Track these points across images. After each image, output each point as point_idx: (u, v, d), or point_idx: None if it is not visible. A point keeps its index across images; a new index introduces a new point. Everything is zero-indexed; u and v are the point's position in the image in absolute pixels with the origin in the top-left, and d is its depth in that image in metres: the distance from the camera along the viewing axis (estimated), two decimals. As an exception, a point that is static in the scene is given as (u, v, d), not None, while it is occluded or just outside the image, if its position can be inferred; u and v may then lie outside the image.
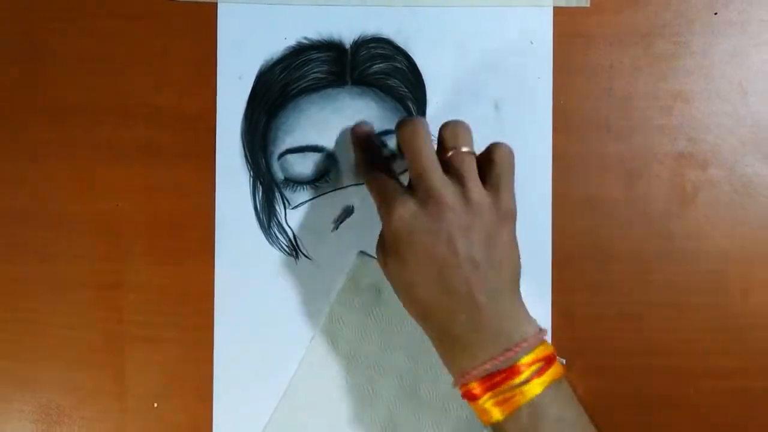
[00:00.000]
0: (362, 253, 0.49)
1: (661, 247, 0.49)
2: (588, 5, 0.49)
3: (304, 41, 0.49)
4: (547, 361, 0.39)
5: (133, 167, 0.50)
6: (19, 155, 0.50)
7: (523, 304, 0.41)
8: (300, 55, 0.49)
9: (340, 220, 0.50)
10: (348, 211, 0.50)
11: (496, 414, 0.38)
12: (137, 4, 0.49)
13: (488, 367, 0.38)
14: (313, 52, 0.49)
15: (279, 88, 0.49)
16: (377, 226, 0.46)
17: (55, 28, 0.49)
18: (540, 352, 0.39)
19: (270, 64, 0.49)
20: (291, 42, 0.49)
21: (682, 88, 0.49)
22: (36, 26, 0.50)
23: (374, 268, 0.48)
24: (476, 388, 0.39)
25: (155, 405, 0.49)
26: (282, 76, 0.49)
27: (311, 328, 0.50)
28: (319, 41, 0.49)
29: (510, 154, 0.42)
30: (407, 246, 0.40)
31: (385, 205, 0.41)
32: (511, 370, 0.38)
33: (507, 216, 0.41)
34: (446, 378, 0.43)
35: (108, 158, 0.50)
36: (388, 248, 0.41)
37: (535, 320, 0.41)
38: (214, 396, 0.49)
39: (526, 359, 0.39)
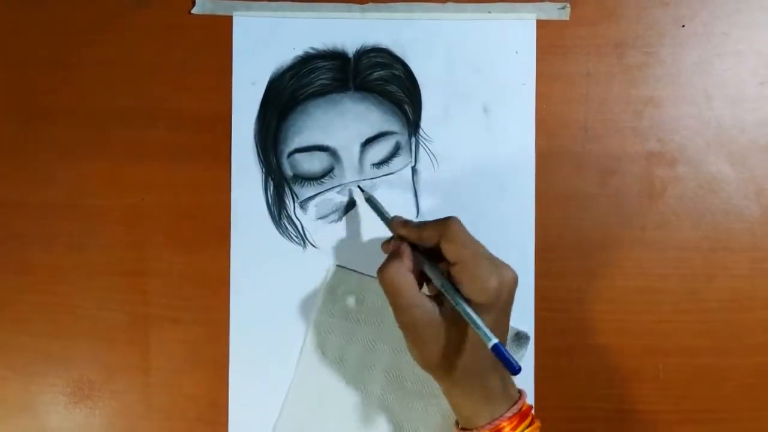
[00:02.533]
0: (339, 266, 0.51)
1: (633, 237, 0.52)
2: (568, 18, 0.51)
3: (311, 51, 0.51)
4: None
5: (156, 165, 0.52)
6: (53, 154, 0.52)
7: None
8: (307, 63, 0.51)
9: (343, 212, 0.52)
10: (351, 204, 0.51)
11: None
12: (160, 18, 0.52)
13: (514, 410, 0.42)
14: (319, 60, 0.51)
15: (288, 93, 0.51)
16: (376, 217, 0.49)
17: (85, 40, 0.52)
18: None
19: (280, 72, 0.51)
20: (299, 52, 0.51)
21: (652, 93, 0.52)
22: (68, 38, 0.52)
23: (349, 278, 0.51)
24: (507, 427, 0.41)
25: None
26: (291, 82, 0.51)
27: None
28: (324, 51, 0.51)
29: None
30: (500, 313, 0.41)
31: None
32: (522, 414, 0.42)
33: None
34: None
35: (133, 157, 0.52)
36: (482, 309, 0.41)
37: None
38: (229, 371, 0.51)
39: (526, 406, 0.43)
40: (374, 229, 0.51)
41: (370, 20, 0.51)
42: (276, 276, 0.52)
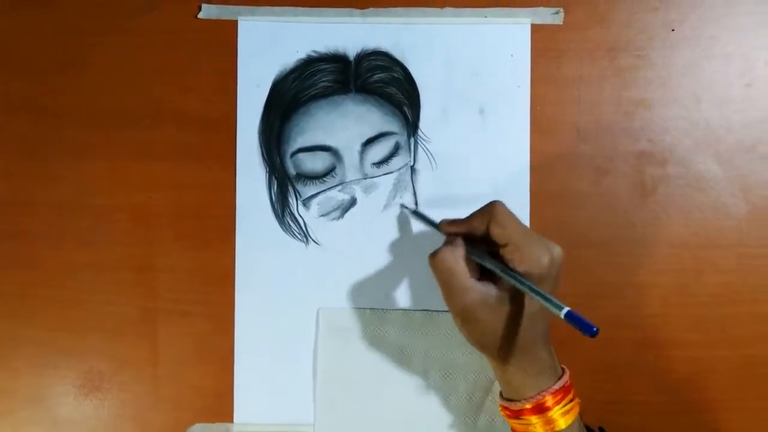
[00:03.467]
0: (322, 309, 0.52)
1: (625, 234, 0.53)
2: (561, 23, 0.52)
3: (314, 54, 0.52)
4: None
5: (163, 164, 0.53)
6: (64, 154, 0.53)
7: None
8: (310, 66, 0.52)
9: (344, 210, 0.52)
10: (352, 202, 0.52)
11: (562, 423, 0.43)
12: (167, 22, 0.52)
13: (556, 387, 0.44)
14: (321, 63, 0.52)
15: (291, 95, 0.52)
16: (376, 215, 0.51)
17: (94, 43, 0.53)
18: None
19: (284, 74, 0.52)
20: (302, 55, 0.52)
21: (643, 95, 0.53)
22: (78, 41, 0.53)
23: (336, 316, 0.52)
24: (550, 400, 0.43)
25: None
26: (294, 84, 0.52)
27: (319, 304, 0.53)
28: (326, 54, 0.52)
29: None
30: (551, 286, 0.43)
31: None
32: (565, 389, 0.44)
33: None
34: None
35: (141, 156, 0.53)
36: (543, 285, 0.42)
37: None
38: (235, 363, 0.52)
39: (569, 383, 0.45)
40: (374, 226, 0.52)
41: (371, 24, 0.52)
42: (279, 271, 0.53)
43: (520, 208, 0.52)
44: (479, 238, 0.44)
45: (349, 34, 0.52)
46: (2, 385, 0.53)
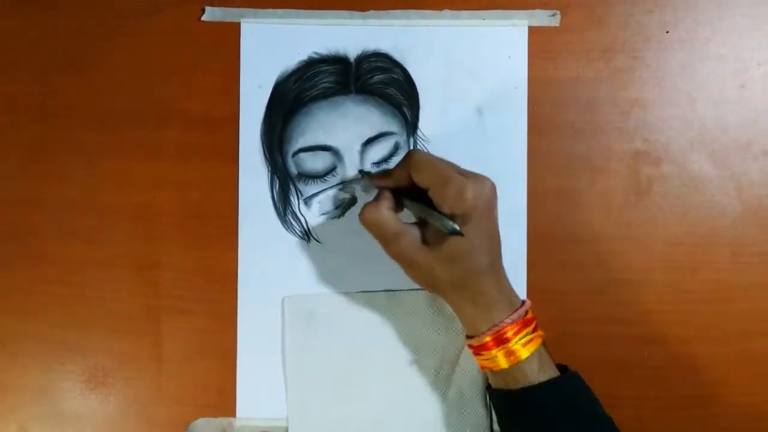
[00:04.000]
0: (287, 298, 0.53)
1: (620, 232, 0.53)
2: (558, 25, 0.53)
3: (315, 56, 0.53)
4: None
5: (168, 164, 0.53)
6: (70, 154, 0.53)
7: None
8: (311, 67, 0.53)
9: (345, 208, 0.53)
10: (352, 201, 0.53)
11: (523, 353, 0.44)
12: (172, 24, 0.53)
13: (515, 317, 0.45)
14: (322, 65, 0.53)
15: (293, 96, 0.53)
16: None
17: (101, 45, 0.53)
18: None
19: (285, 76, 0.53)
20: (303, 56, 0.53)
21: (638, 95, 0.53)
22: (85, 43, 0.53)
23: (302, 303, 0.53)
24: (509, 332, 0.44)
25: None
26: (296, 85, 0.53)
27: None
28: (327, 56, 0.53)
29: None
30: (482, 220, 0.44)
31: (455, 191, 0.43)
32: (525, 322, 0.45)
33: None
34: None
35: (146, 156, 0.53)
36: (464, 220, 0.43)
37: None
38: (237, 359, 0.53)
39: (530, 313, 0.46)
40: None
41: (371, 27, 0.53)
42: (281, 269, 0.53)
43: (518, 206, 0.53)
44: (412, 188, 0.45)
45: (349, 36, 0.53)
46: (10, 381, 0.54)
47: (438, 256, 0.44)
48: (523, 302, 0.46)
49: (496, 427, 0.53)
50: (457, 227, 0.42)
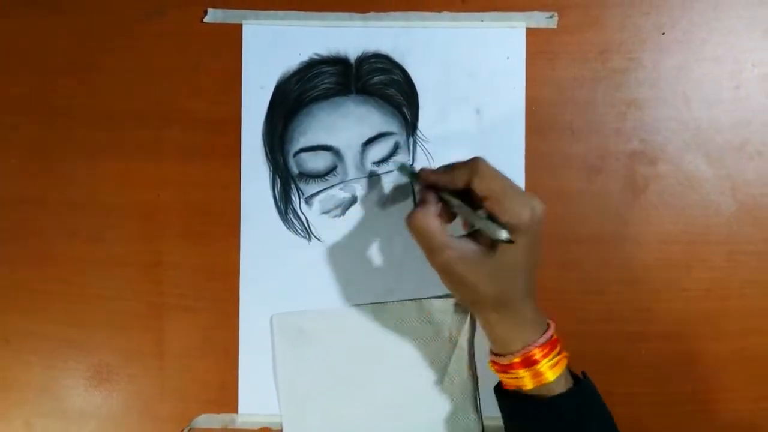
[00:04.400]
0: (276, 315, 0.54)
1: (617, 230, 0.54)
2: (555, 27, 0.54)
3: (316, 57, 0.53)
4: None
5: (171, 164, 0.54)
6: (74, 154, 0.54)
7: None
8: (312, 68, 0.53)
9: (346, 208, 0.54)
10: (353, 200, 0.54)
11: (550, 375, 0.44)
12: (175, 26, 0.54)
13: (542, 339, 0.45)
14: (323, 66, 0.53)
15: (294, 96, 0.53)
16: (376, 212, 0.52)
17: (105, 47, 0.54)
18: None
19: (287, 76, 0.53)
20: (304, 57, 0.53)
21: (634, 96, 0.54)
22: (89, 45, 0.54)
23: (291, 320, 0.53)
24: (537, 354, 0.44)
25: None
26: (297, 86, 0.53)
27: (322, 299, 0.54)
28: (328, 57, 0.53)
29: None
30: (533, 240, 0.44)
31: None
32: (552, 344, 0.45)
33: None
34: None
35: (149, 156, 0.54)
36: (515, 238, 0.43)
37: None
38: (239, 356, 0.54)
39: (555, 336, 0.46)
40: (375, 223, 0.54)
41: (371, 28, 0.54)
42: (282, 267, 0.54)
43: None
44: (459, 192, 0.45)
45: (350, 38, 0.54)
46: (15, 377, 0.55)
47: (484, 272, 0.44)
48: (549, 324, 0.47)
49: (486, 432, 0.54)
50: (509, 236, 0.42)
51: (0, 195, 0.55)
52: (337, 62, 0.54)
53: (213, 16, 0.54)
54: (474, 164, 0.45)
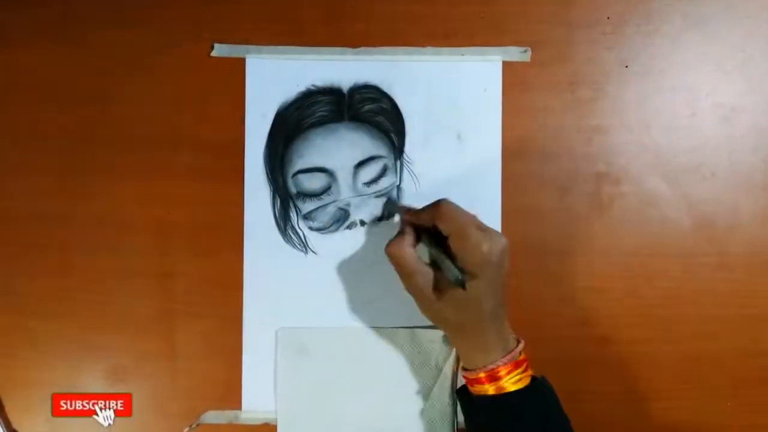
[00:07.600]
0: (281, 329, 0.55)
1: (584, 244, 0.56)
2: (529, 60, 0.56)
3: (312, 87, 0.56)
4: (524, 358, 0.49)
5: (181, 184, 0.56)
6: (96, 175, 0.56)
7: None
8: (309, 98, 0.56)
9: (340, 224, 0.56)
10: (346, 217, 0.55)
11: (512, 388, 0.47)
12: (184, 59, 0.56)
13: (507, 359, 0.48)
14: (319, 95, 0.56)
15: (293, 123, 0.55)
16: (367, 228, 0.54)
17: (122, 78, 0.56)
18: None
19: (286, 105, 0.56)
20: (302, 88, 0.56)
21: (599, 123, 0.56)
22: (107, 77, 0.56)
23: (294, 334, 0.55)
24: (502, 371, 0.47)
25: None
26: (295, 114, 0.56)
27: (318, 307, 0.56)
28: (323, 87, 0.56)
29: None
30: (491, 273, 0.46)
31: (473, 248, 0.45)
32: (518, 362, 0.48)
33: None
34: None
35: (162, 177, 0.56)
36: (474, 273, 0.45)
37: None
38: (242, 358, 0.56)
39: (523, 355, 0.49)
40: (365, 238, 0.56)
41: (362, 62, 0.56)
42: (282, 278, 0.56)
43: (493, 222, 0.56)
44: (435, 230, 0.48)
45: (343, 70, 0.56)
46: (40, 376, 0.57)
47: (446, 300, 0.47)
48: (518, 343, 0.49)
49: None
50: (462, 279, 0.45)
51: (29, 212, 0.57)
52: (332, 92, 0.56)
53: (219, 50, 0.56)
54: (436, 207, 0.47)
